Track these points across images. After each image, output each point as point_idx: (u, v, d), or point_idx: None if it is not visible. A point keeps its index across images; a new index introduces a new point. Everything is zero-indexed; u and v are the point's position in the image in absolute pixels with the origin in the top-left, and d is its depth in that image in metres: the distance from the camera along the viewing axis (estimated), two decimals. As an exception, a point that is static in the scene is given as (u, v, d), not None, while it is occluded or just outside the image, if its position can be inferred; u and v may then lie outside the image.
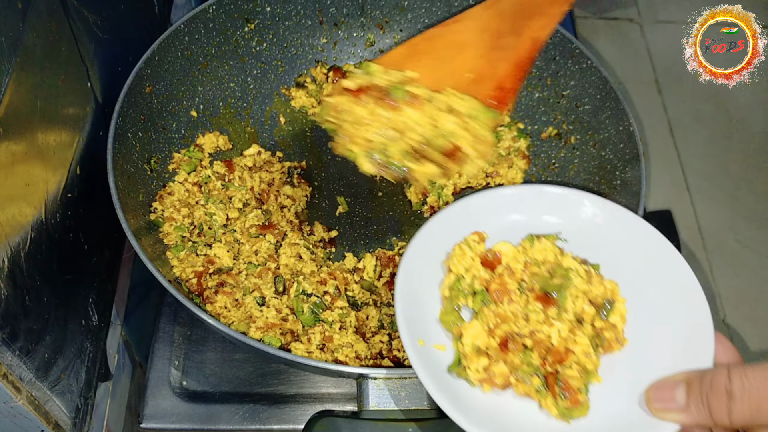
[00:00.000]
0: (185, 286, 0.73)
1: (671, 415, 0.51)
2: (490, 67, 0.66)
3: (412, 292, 0.60)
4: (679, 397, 0.51)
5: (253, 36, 0.91)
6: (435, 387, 0.54)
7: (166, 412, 0.77)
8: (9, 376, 0.55)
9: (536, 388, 0.55)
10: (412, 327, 0.58)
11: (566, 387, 0.55)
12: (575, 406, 0.54)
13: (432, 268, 0.63)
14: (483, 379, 0.56)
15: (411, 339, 0.56)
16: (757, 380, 0.46)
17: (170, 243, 0.76)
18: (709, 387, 0.49)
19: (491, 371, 0.56)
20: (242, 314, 0.72)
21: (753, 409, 0.46)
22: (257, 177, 0.84)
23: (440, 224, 0.65)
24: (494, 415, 0.55)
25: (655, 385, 0.54)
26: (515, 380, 0.56)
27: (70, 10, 0.68)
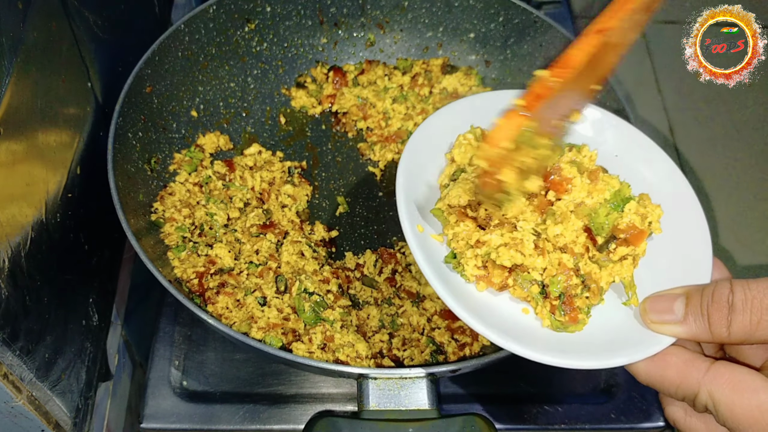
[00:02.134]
0: (186, 287, 0.73)
1: (667, 327, 0.50)
2: None
3: (413, 178, 0.59)
4: (678, 309, 0.50)
5: (253, 36, 0.91)
6: (431, 271, 0.53)
7: (167, 412, 0.77)
8: (9, 376, 0.55)
9: (533, 296, 0.54)
10: (412, 213, 0.57)
11: (569, 303, 0.53)
12: (573, 323, 0.53)
13: (435, 157, 0.62)
14: (480, 277, 0.55)
15: (411, 224, 0.55)
16: (761, 292, 0.45)
17: (171, 243, 0.76)
18: (710, 298, 0.48)
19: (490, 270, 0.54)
20: (244, 315, 0.72)
21: (754, 321, 0.45)
22: (258, 176, 0.84)
23: (447, 116, 0.64)
24: (487, 311, 0.54)
25: (653, 296, 0.53)
26: (513, 282, 0.55)
27: (70, 10, 0.68)
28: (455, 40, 0.96)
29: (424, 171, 0.61)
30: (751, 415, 0.45)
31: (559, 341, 0.53)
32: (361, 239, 0.85)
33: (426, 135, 0.62)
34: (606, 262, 0.55)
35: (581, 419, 0.79)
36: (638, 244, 0.55)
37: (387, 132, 0.92)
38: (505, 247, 0.54)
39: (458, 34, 0.96)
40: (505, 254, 0.53)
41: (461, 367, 0.63)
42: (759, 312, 0.45)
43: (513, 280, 0.55)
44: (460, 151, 0.60)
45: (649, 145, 0.64)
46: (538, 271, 0.54)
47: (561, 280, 0.53)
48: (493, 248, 0.54)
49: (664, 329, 0.51)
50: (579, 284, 0.54)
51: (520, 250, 0.54)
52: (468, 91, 0.95)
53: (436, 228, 0.58)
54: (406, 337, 0.74)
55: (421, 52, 0.98)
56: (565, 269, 0.54)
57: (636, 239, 0.55)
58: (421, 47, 0.98)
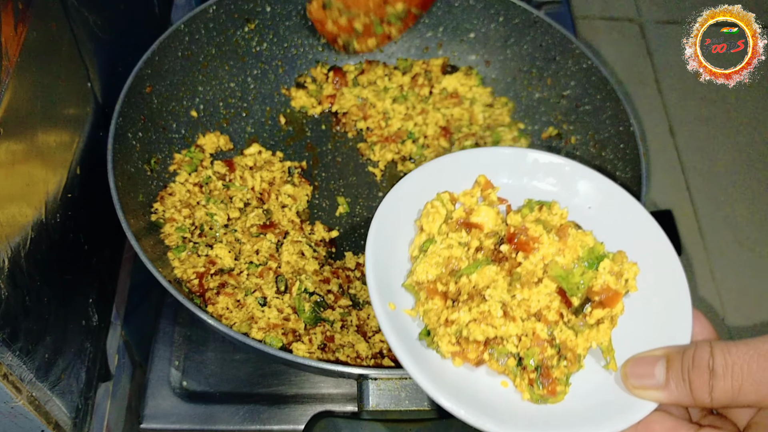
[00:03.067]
0: (186, 287, 0.73)
1: (649, 392, 0.49)
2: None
3: (383, 252, 0.58)
4: (659, 374, 0.49)
5: (253, 36, 0.91)
6: (404, 352, 0.51)
7: (166, 412, 0.77)
8: (9, 377, 0.55)
9: (511, 369, 0.53)
10: (383, 289, 0.55)
11: (546, 375, 0.52)
12: (551, 395, 0.52)
13: (405, 226, 0.61)
14: (455, 353, 0.53)
15: (381, 302, 0.54)
16: (741, 357, 0.44)
17: (171, 244, 0.76)
18: (691, 363, 0.47)
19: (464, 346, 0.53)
20: (244, 315, 0.72)
21: (735, 387, 0.44)
22: (258, 176, 0.84)
23: (415, 182, 0.62)
24: (464, 388, 0.52)
25: (632, 360, 0.51)
26: (489, 357, 0.53)
27: (70, 10, 0.68)
28: (455, 40, 0.96)
29: (395, 242, 0.60)
30: None
31: (541, 414, 0.52)
32: (361, 239, 0.85)
33: (394, 204, 0.60)
34: (582, 328, 0.54)
35: (581, 419, 0.78)
36: (614, 306, 0.54)
37: (387, 132, 0.92)
38: (474, 322, 0.53)
39: (458, 34, 0.96)
40: (476, 329, 0.53)
41: (461, 367, 0.63)
42: (740, 378, 0.44)
43: (488, 354, 0.53)
44: (428, 220, 0.59)
45: (622, 195, 0.62)
46: (513, 342, 0.53)
47: (536, 351, 0.52)
48: (463, 325, 0.53)
49: (646, 394, 0.49)
50: (555, 354, 0.53)
51: (490, 323, 0.53)
52: (468, 91, 0.94)
53: (410, 302, 0.57)
54: None
55: (421, 52, 0.98)
56: (540, 340, 0.52)
57: (611, 301, 0.54)
58: (421, 47, 0.98)
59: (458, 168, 0.63)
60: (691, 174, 1.35)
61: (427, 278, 0.56)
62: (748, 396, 0.44)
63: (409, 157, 0.91)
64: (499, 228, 0.59)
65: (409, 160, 0.91)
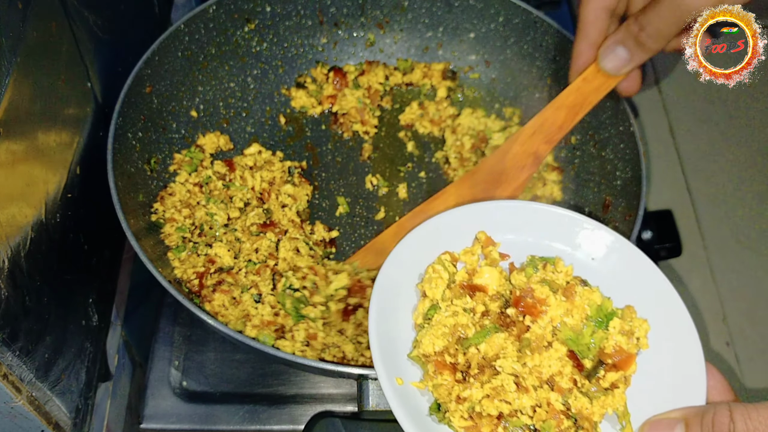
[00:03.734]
0: (186, 287, 0.73)
1: None
2: None
3: (387, 321, 0.55)
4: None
5: (253, 36, 0.91)
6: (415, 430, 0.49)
7: (166, 412, 0.77)
8: (9, 376, 0.55)
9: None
10: (389, 362, 0.52)
11: None
12: None
13: (408, 290, 0.58)
14: (468, 428, 0.51)
15: (389, 378, 0.51)
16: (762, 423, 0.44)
17: (171, 244, 0.76)
18: (711, 428, 0.46)
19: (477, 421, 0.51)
20: (239, 313, 0.72)
21: None
22: (258, 176, 0.84)
23: (414, 243, 0.60)
24: None
25: (650, 423, 0.51)
26: (503, 431, 0.51)
27: (70, 10, 0.68)
28: (455, 40, 0.96)
29: (397, 309, 0.57)
30: None
31: None
32: (361, 239, 0.85)
33: (394, 269, 0.58)
34: (597, 393, 0.53)
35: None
36: (628, 368, 0.53)
37: None
38: (487, 398, 0.52)
39: (458, 34, 0.96)
40: (489, 405, 0.51)
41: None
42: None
43: (503, 428, 0.52)
44: (431, 285, 0.57)
45: (624, 245, 0.61)
46: (528, 414, 0.51)
47: (552, 424, 0.51)
48: (476, 402, 0.52)
49: None
50: (571, 426, 0.51)
51: (503, 398, 0.51)
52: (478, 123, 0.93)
53: (417, 373, 0.55)
54: None
55: (421, 53, 0.98)
56: (555, 412, 0.51)
57: (625, 363, 0.53)
58: (421, 47, 0.98)
59: (457, 225, 0.62)
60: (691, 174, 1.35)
61: (434, 350, 0.54)
62: None
63: None
64: (504, 288, 0.58)
65: None
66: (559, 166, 0.89)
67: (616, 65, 0.69)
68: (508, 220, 0.62)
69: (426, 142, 0.94)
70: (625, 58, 0.69)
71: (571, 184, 0.88)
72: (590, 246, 0.61)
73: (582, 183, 0.87)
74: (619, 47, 0.68)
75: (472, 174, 0.77)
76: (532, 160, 0.73)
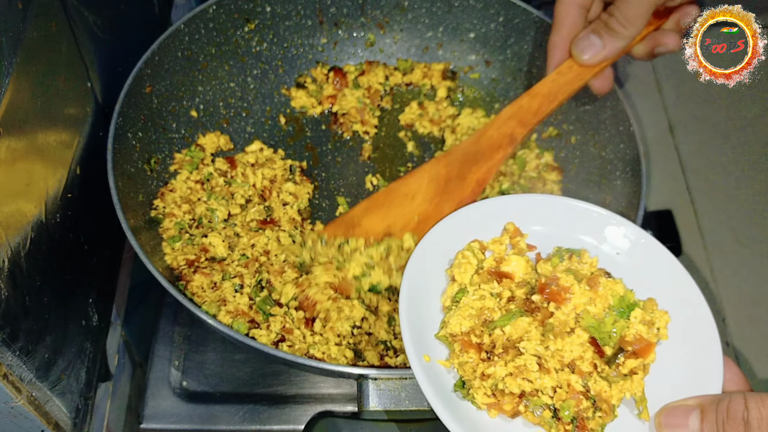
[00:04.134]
0: (176, 275, 0.73)
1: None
2: (435, 208, 0.73)
3: (416, 302, 0.58)
4: (693, 424, 0.50)
5: (253, 36, 0.91)
6: (441, 405, 0.52)
7: (166, 412, 0.77)
8: (9, 377, 0.55)
9: (547, 421, 0.53)
10: (417, 341, 0.55)
11: (581, 427, 0.52)
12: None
13: (437, 275, 0.61)
14: (490, 404, 0.54)
15: (417, 355, 0.54)
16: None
17: (168, 237, 0.76)
18: (725, 414, 0.47)
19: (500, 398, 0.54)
20: (216, 296, 0.72)
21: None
22: (260, 173, 0.84)
23: (445, 231, 0.63)
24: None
25: (667, 410, 0.52)
26: (524, 409, 0.54)
27: (70, 10, 0.68)
28: (455, 40, 0.96)
29: (427, 292, 0.60)
30: None
31: None
32: (361, 239, 0.85)
33: (425, 254, 0.61)
34: (616, 378, 0.54)
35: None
36: (647, 356, 0.55)
37: None
38: (510, 376, 0.54)
39: (458, 34, 0.96)
40: (512, 383, 0.53)
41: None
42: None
43: (524, 406, 0.54)
44: (460, 270, 0.60)
45: (649, 241, 0.63)
46: (548, 394, 0.53)
47: (571, 404, 0.53)
48: (499, 379, 0.54)
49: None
50: (590, 406, 0.53)
51: (526, 377, 0.53)
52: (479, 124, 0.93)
53: (443, 352, 0.58)
54: (396, 346, 0.73)
55: (421, 52, 0.98)
56: (575, 392, 0.53)
57: (644, 351, 0.55)
58: (421, 47, 0.98)
59: (486, 216, 0.64)
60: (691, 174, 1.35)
61: (460, 330, 0.56)
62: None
63: None
64: (530, 277, 0.60)
65: None
66: (559, 166, 0.89)
67: (589, 54, 0.71)
68: (536, 213, 0.65)
69: (426, 142, 0.94)
70: (598, 44, 0.71)
71: (571, 184, 0.88)
72: (616, 240, 0.63)
73: (582, 183, 0.86)
74: (592, 35, 0.71)
75: (447, 154, 0.78)
76: (508, 140, 0.74)
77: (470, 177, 0.74)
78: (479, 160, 0.75)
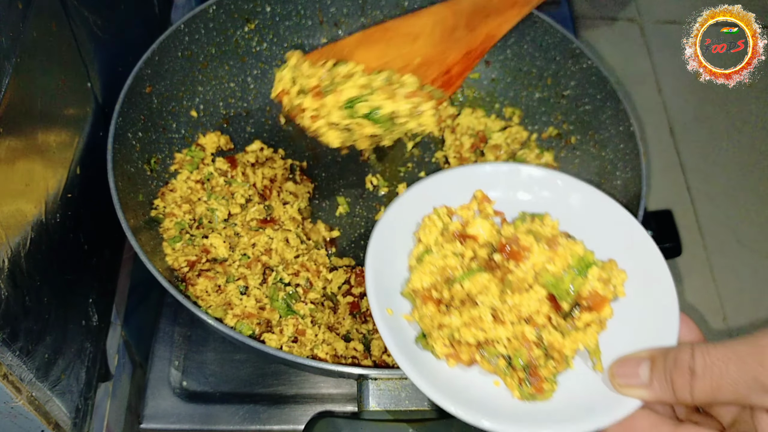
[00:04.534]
0: (176, 275, 0.73)
1: (634, 390, 0.52)
2: (440, 54, 0.70)
3: (383, 261, 0.61)
4: (643, 374, 0.51)
5: (253, 36, 0.91)
6: (401, 354, 0.54)
7: (166, 412, 0.77)
8: (9, 377, 0.55)
9: (502, 369, 0.55)
10: (381, 296, 0.58)
11: (533, 374, 0.54)
12: (539, 393, 0.54)
13: (404, 238, 0.64)
14: (449, 354, 0.56)
15: (380, 307, 0.57)
16: (719, 358, 0.46)
17: (168, 237, 0.76)
18: (673, 364, 0.49)
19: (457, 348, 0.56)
20: (221, 300, 0.72)
21: (714, 386, 0.46)
22: (260, 173, 0.84)
23: (414, 197, 0.65)
24: (459, 387, 0.55)
25: (619, 361, 0.54)
26: (480, 358, 0.56)
27: (70, 10, 0.68)
28: (455, 40, 0.96)
29: (394, 253, 0.63)
30: None
31: (530, 411, 0.54)
32: (361, 239, 0.85)
33: (394, 217, 0.63)
34: (570, 330, 0.56)
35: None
36: (601, 310, 0.57)
37: None
38: (465, 326, 0.56)
39: (458, 34, 0.96)
40: (467, 333, 0.55)
41: (461, 367, 0.63)
42: (718, 377, 0.46)
43: (480, 355, 0.56)
44: (425, 232, 0.62)
45: (611, 205, 0.65)
46: (503, 344, 0.56)
47: (524, 352, 0.55)
48: (455, 329, 0.56)
49: (631, 393, 0.52)
50: (542, 355, 0.55)
51: (480, 327, 0.55)
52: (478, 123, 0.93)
53: (408, 308, 0.60)
54: None
55: (421, 52, 0.98)
56: (528, 342, 0.55)
57: (599, 305, 0.57)
58: (421, 47, 0.97)
59: (456, 183, 0.66)
60: (691, 174, 1.35)
61: (422, 286, 0.59)
62: (726, 395, 0.46)
63: None
64: (494, 239, 0.61)
65: None
66: (559, 166, 0.89)
67: None
68: (504, 181, 0.67)
69: (426, 142, 0.94)
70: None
71: (571, 184, 0.88)
72: (580, 206, 0.65)
73: (582, 183, 0.86)
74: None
75: (455, 2, 0.75)
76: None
77: (481, 29, 0.71)
78: (491, 14, 0.72)
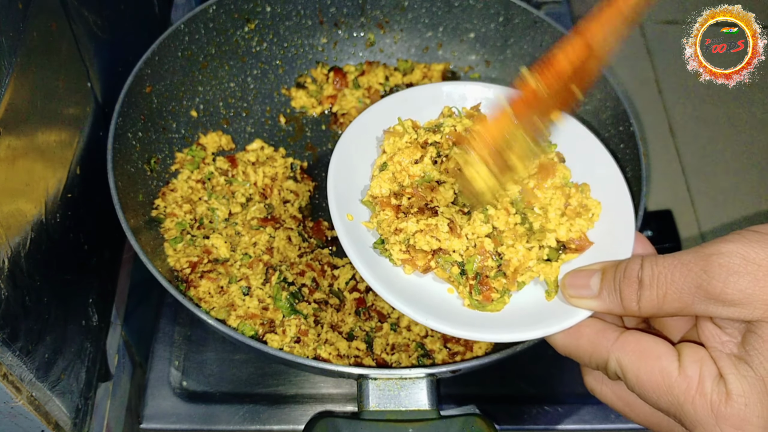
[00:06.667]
0: (178, 276, 0.73)
1: (584, 301, 0.53)
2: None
3: (346, 169, 0.62)
4: (593, 284, 0.52)
5: (253, 36, 0.91)
6: (357, 257, 0.55)
7: (166, 412, 0.77)
8: (9, 376, 0.55)
9: (454, 277, 0.56)
10: (342, 202, 0.59)
11: (483, 282, 0.55)
12: (487, 301, 0.55)
13: (368, 148, 0.65)
14: (405, 260, 0.57)
15: (339, 212, 0.58)
16: (666, 268, 0.47)
17: (169, 238, 0.76)
18: (622, 274, 0.50)
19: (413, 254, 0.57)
20: (224, 301, 0.72)
21: (660, 296, 0.47)
22: (260, 171, 0.84)
23: (378, 111, 0.66)
24: (412, 291, 0.56)
25: (572, 273, 0.55)
26: (435, 265, 0.57)
27: (70, 10, 0.68)
28: (455, 40, 0.96)
29: (358, 164, 0.64)
30: (654, 380, 0.47)
31: (478, 317, 0.56)
32: (361, 239, 0.85)
33: (358, 130, 0.65)
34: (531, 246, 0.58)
35: (581, 419, 0.79)
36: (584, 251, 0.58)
37: None
38: (420, 233, 0.57)
39: (458, 34, 0.96)
40: (421, 240, 0.57)
41: (462, 367, 0.63)
42: (665, 287, 0.47)
43: (435, 262, 0.57)
44: (389, 142, 0.63)
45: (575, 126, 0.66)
46: (459, 253, 0.57)
47: (477, 260, 0.56)
48: (410, 234, 0.57)
49: (581, 303, 0.54)
50: (494, 267, 0.56)
51: (435, 236, 0.56)
52: None
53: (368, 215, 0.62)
54: (394, 342, 0.73)
55: (421, 52, 0.98)
56: (483, 250, 0.56)
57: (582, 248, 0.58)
58: (421, 47, 0.98)
59: (425, 100, 0.68)
60: (691, 174, 1.35)
61: (381, 192, 0.60)
62: (672, 304, 0.47)
63: None
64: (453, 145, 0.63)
65: None
66: None
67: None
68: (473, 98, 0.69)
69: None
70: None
71: (571, 184, 0.88)
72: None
73: (582, 183, 0.86)
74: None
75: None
76: None
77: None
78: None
